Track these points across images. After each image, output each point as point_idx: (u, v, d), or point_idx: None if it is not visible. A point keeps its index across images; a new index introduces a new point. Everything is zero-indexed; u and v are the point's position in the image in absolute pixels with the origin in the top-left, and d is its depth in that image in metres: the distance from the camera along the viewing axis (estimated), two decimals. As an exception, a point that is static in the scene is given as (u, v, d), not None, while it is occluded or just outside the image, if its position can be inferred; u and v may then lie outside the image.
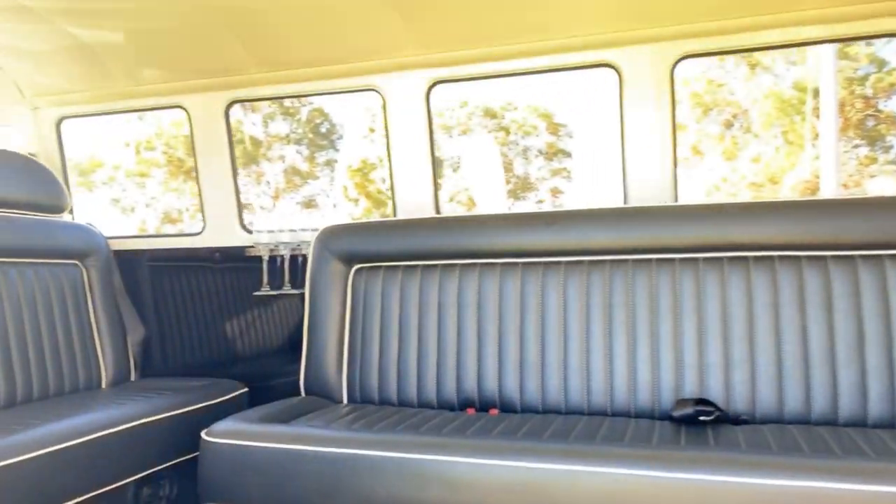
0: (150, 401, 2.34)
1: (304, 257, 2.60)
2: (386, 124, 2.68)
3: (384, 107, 2.66)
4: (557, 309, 2.26)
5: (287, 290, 2.72)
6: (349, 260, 2.48)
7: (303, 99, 17.61)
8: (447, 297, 2.38)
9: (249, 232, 2.82)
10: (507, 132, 14.88)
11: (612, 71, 2.48)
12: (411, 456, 1.72)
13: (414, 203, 2.70)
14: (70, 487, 1.93)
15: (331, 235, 2.49)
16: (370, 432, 1.91)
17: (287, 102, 17.19)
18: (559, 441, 1.82)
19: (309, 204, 17.08)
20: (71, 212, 3.09)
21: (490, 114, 15.20)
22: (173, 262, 2.95)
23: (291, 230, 2.71)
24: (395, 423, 2.09)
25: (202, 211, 2.90)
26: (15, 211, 2.56)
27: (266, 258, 2.72)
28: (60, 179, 3.04)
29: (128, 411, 2.19)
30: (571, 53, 2.47)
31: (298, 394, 2.48)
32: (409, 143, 2.67)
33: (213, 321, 2.89)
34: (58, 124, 3.05)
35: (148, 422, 2.20)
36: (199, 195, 2.89)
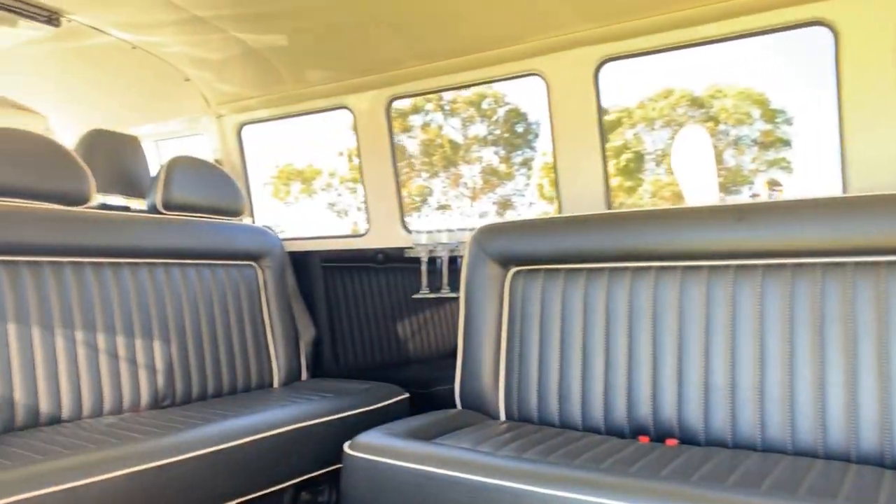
0: (315, 403, 2.31)
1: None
2: (550, 112, 2.42)
3: (548, 92, 2.40)
4: (753, 322, 1.86)
5: (445, 292, 2.57)
6: (506, 262, 2.27)
7: (499, 100, 17.78)
8: (617, 305, 2.06)
9: (410, 232, 2.71)
10: (716, 121, 13.73)
11: (827, 30, 2.00)
12: (565, 495, 1.46)
13: (582, 198, 2.41)
14: (231, 488, 1.93)
15: (486, 235, 2.29)
16: (519, 461, 1.67)
17: (485, 104, 17.43)
18: (751, 489, 1.45)
19: (505, 204, 17.14)
20: (251, 215, 3.22)
21: (697, 103, 14.12)
22: (342, 263, 2.93)
23: (449, 230, 2.55)
24: (553, 448, 1.84)
25: (367, 212, 2.85)
26: (197, 215, 2.68)
27: (425, 259, 2.59)
28: (241, 184, 3.18)
29: (292, 413, 2.17)
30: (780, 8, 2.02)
31: (455, 404, 2.31)
32: (575, 131, 2.38)
33: (377, 323, 2.84)
34: (238, 131, 3.18)
35: (310, 425, 2.16)
36: (365, 196, 2.84)
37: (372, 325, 2.83)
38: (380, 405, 2.43)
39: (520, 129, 17.17)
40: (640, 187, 14.41)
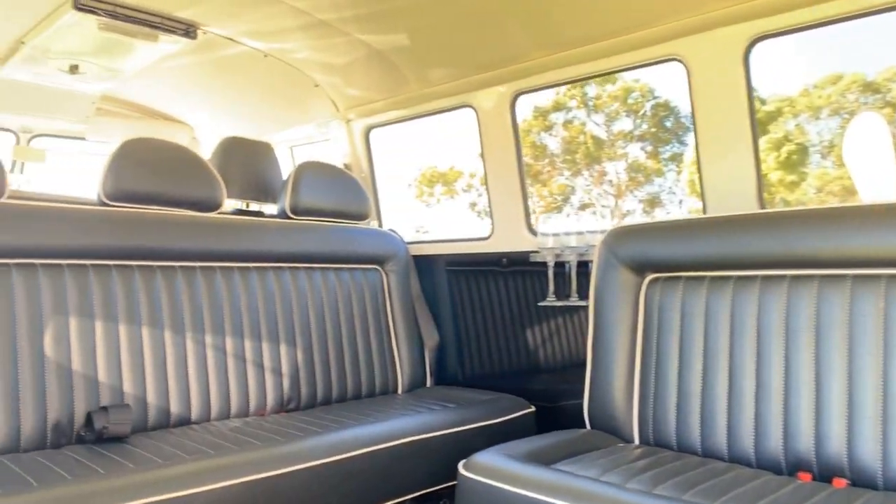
0: (438, 414, 2.23)
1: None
2: (692, 100, 2.16)
3: (689, 78, 2.15)
4: (946, 343, 1.53)
5: (574, 300, 2.38)
6: (641, 268, 2.05)
7: (647, 93, 17.02)
8: (770, 319, 1.79)
9: (536, 235, 2.55)
10: (895, 108, 12.31)
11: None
12: None
13: (730, 196, 2.14)
14: (343, 500, 1.88)
15: (619, 238, 2.08)
16: (652, 497, 1.47)
17: (630, 99, 16.77)
18: None
19: (653, 202, 16.39)
20: (378, 218, 3.20)
21: (871, 88, 12.72)
22: (467, 267, 2.83)
23: (579, 233, 2.36)
24: (694, 481, 1.61)
25: (490, 214, 2.72)
26: (324, 219, 2.68)
27: (552, 264, 2.42)
28: (369, 188, 3.16)
29: (412, 423, 2.10)
30: None
31: (584, 423, 2.12)
32: (722, 121, 2.11)
33: (502, 330, 2.70)
34: (366, 134, 3.17)
35: (431, 437, 2.08)
36: (488, 197, 2.71)
37: (497, 331, 2.70)
38: (504, 419, 2.29)
39: (668, 122, 16.37)
40: (804, 182, 13.21)
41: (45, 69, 2.91)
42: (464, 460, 1.76)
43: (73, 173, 3.66)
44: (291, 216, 2.62)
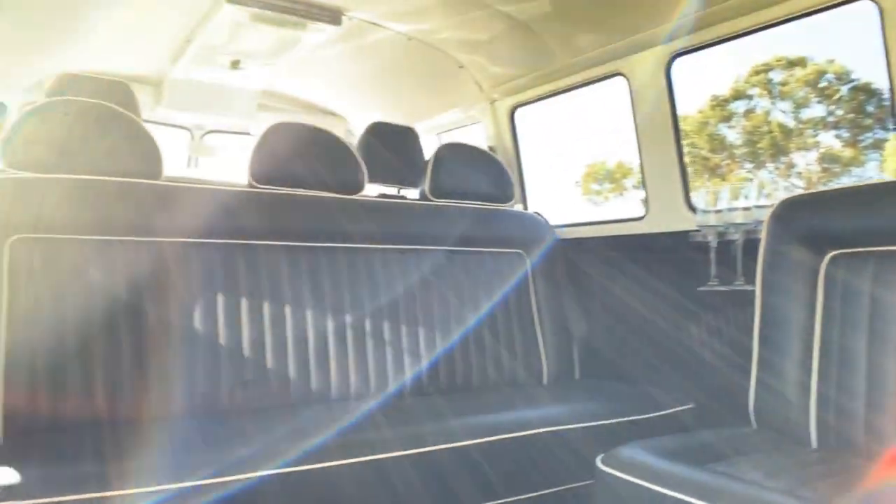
0: (583, 404, 2.06)
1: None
2: (888, 53, 1.81)
3: (883, 27, 1.79)
4: None
5: (740, 284, 2.09)
6: (820, 244, 1.73)
7: (842, 76, 15.29)
8: None
9: (696, 213, 2.28)
10: None
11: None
12: None
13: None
14: (469, 489, 1.77)
15: (791, 209, 1.78)
16: None
17: (823, 82, 15.14)
18: None
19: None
20: (523, 201, 3.06)
21: None
22: (620, 251, 2.61)
23: (745, 208, 2.07)
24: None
25: (645, 192, 2.48)
26: (464, 202, 2.60)
27: (714, 245, 2.15)
28: (514, 170, 3.04)
29: (554, 413, 1.96)
30: None
31: (749, 421, 1.85)
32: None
33: (660, 318, 2.45)
34: (510, 114, 3.04)
35: (573, 429, 1.92)
36: (642, 174, 2.48)
37: (655, 321, 2.45)
38: (657, 414, 2.07)
39: (870, 107, 14.63)
40: None
41: (210, 67, 3.10)
42: (603, 454, 1.58)
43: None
44: (431, 199, 2.56)
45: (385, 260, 2.35)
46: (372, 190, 2.89)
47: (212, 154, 3.72)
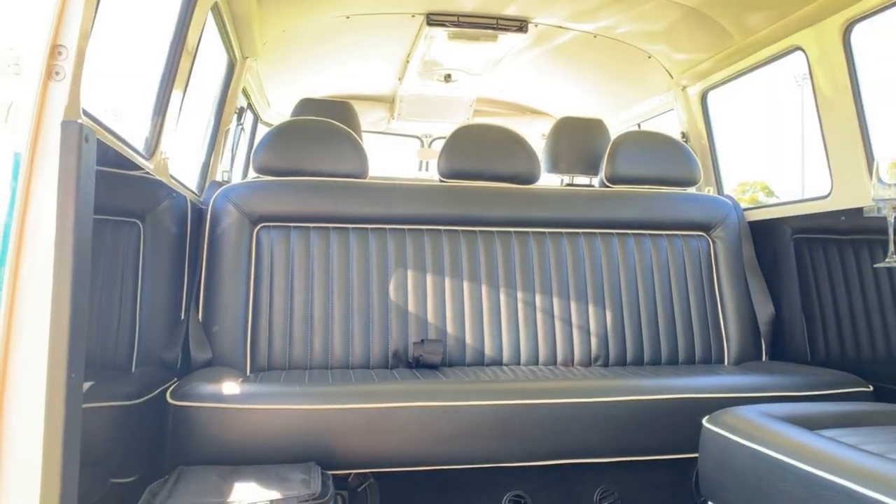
0: (751, 378, 2.12)
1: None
2: None
3: None
4: None
5: (914, 261, 1.94)
6: None
7: None
8: None
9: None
10: None
11: None
12: None
13: None
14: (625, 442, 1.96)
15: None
16: None
17: None
18: None
19: None
20: (715, 184, 3.04)
21: None
22: (810, 234, 2.51)
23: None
24: None
25: (829, 169, 2.36)
26: (643, 187, 2.72)
27: (892, 219, 2.01)
28: (707, 154, 3.04)
29: (716, 383, 2.05)
30: None
31: None
32: None
33: (859, 303, 2.31)
34: (702, 99, 3.04)
35: (734, 397, 2.00)
36: (825, 150, 2.37)
37: (846, 300, 2.33)
38: (820, 392, 2.02)
39: None
40: None
41: (429, 81, 3.60)
42: (709, 415, 1.66)
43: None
44: (608, 185, 2.72)
45: (555, 242, 2.58)
46: (558, 181, 3.12)
47: (436, 157, 4.25)
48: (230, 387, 1.81)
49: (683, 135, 3.14)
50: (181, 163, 2.40)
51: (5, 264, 1.11)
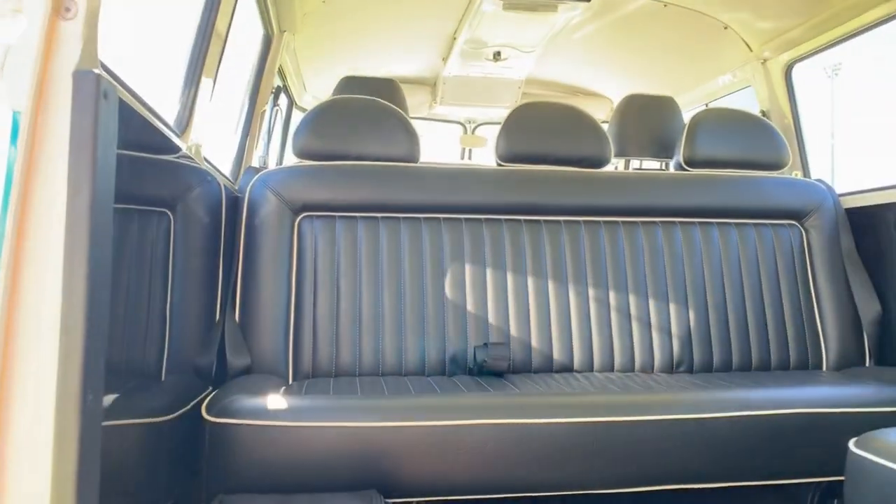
0: (858, 389, 1.81)
1: None
2: None
3: None
4: None
5: None
6: None
7: None
8: None
9: None
10: None
11: None
12: None
13: None
14: (718, 468, 1.67)
15: None
16: None
17: None
18: None
19: None
20: (803, 168, 2.73)
21: None
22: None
23: None
24: None
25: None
26: (725, 170, 2.42)
27: None
28: (792, 134, 2.74)
29: (822, 395, 1.75)
30: None
31: None
32: None
33: None
34: (786, 72, 2.73)
35: (846, 413, 1.70)
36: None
37: None
38: None
39: None
40: None
41: (476, 61, 3.32)
42: (856, 437, 1.37)
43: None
44: (687, 168, 2.43)
45: (630, 233, 2.29)
46: (628, 164, 2.83)
47: (483, 145, 3.97)
48: (276, 400, 1.55)
49: (763, 114, 2.83)
50: (214, 147, 2.16)
51: (2, 255, 0.86)
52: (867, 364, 2.27)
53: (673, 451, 1.63)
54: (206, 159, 1.88)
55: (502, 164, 2.34)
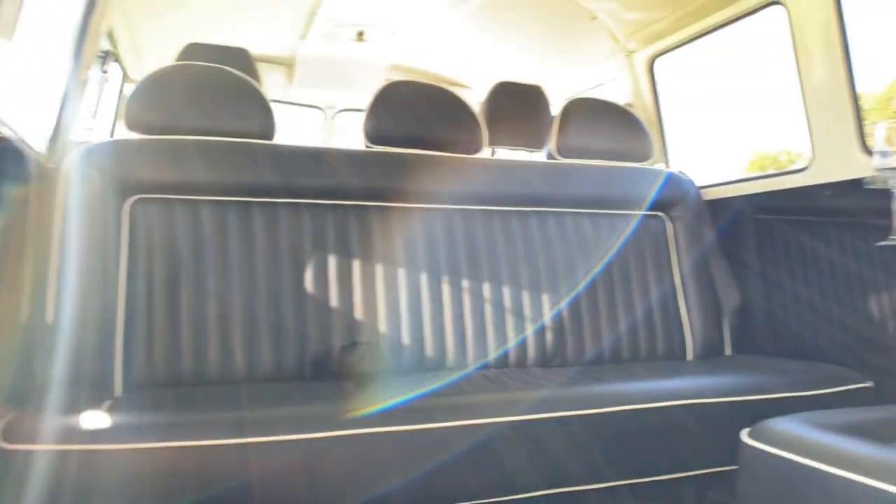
0: (731, 378, 1.79)
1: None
2: None
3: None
4: None
5: (931, 239, 1.70)
6: None
7: None
8: None
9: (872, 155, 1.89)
10: None
11: None
12: None
13: None
14: (615, 463, 1.57)
15: None
16: None
17: None
18: None
19: None
20: (664, 159, 2.77)
21: None
22: (777, 216, 2.27)
23: (940, 141, 1.67)
24: None
25: (810, 138, 2.12)
26: (594, 161, 2.37)
27: (897, 191, 1.77)
28: (654, 126, 2.76)
29: (696, 385, 1.71)
30: None
31: None
32: None
33: (831, 290, 2.09)
34: (649, 65, 2.75)
35: (721, 402, 1.66)
36: (806, 117, 2.12)
37: (823, 291, 2.10)
38: (827, 391, 1.75)
39: None
40: None
41: (337, 41, 3.09)
42: (747, 429, 1.32)
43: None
44: (558, 158, 2.36)
45: (504, 222, 2.18)
46: (494, 153, 2.74)
47: (344, 133, 3.74)
48: (94, 418, 1.26)
49: (629, 105, 2.84)
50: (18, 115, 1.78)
51: None
52: (727, 352, 2.31)
53: (553, 452, 1.52)
54: (3, 122, 1.52)
55: (371, 146, 2.15)
